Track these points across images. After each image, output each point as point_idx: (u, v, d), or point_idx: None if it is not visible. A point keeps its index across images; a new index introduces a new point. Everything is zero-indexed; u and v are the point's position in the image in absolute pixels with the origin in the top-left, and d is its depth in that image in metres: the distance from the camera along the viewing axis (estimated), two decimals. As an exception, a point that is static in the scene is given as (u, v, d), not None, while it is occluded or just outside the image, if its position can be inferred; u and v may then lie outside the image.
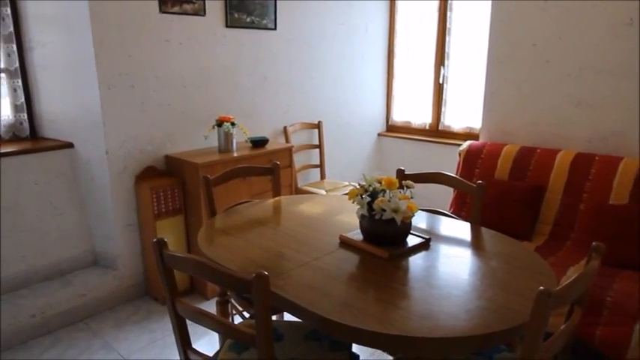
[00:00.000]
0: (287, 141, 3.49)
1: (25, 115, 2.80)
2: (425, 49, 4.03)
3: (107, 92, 2.57)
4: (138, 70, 2.68)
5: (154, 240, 1.30)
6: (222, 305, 1.96)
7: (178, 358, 1.44)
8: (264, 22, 3.25)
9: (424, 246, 1.68)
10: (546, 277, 1.46)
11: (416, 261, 1.57)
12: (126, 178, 2.73)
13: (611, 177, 2.52)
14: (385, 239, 1.62)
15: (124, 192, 2.73)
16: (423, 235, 1.71)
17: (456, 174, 3.06)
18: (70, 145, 2.77)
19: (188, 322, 1.35)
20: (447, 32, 3.85)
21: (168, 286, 1.33)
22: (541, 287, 1.05)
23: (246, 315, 2.05)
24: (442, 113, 4.00)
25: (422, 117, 4.14)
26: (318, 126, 3.77)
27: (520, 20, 2.97)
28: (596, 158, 2.62)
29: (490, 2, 3.09)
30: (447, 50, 3.88)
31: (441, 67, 3.92)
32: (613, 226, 2.34)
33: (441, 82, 3.94)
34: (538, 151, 2.83)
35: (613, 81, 2.68)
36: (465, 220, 2.00)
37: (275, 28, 3.33)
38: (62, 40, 2.65)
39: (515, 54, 3.03)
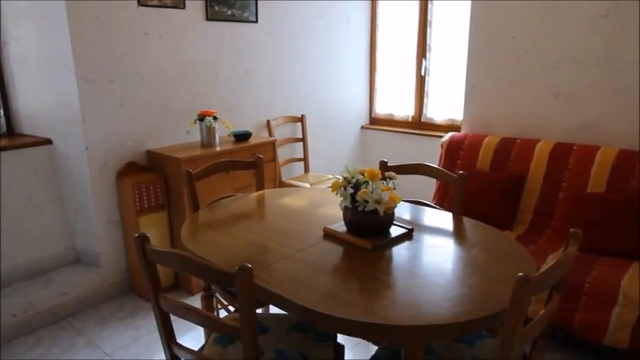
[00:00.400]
0: (270, 135, 3.48)
1: (2, 111, 2.74)
2: (406, 42, 4.04)
3: (86, 87, 2.52)
4: (117, 65, 2.63)
5: (136, 235, 1.28)
6: (207, 300, 1.96)
7: (164, 354, 1.43)
8: (246, 14, 3.23)
9: (407, 236, 1.69)
10: (526, 264, 1.49)
11: (399, 251, 1.59)
12: (107, 174, 2.69)
13: (588, 166, 2.57)
14: (368, 230, 1.63)
15: (105, 188, 2.70)
16: (405, 226, 1.73)
17: (439, 165, 3.09)
18: (48, 142, 2.72)
19: (173, 317, 1.34)
20: (428, 25, 3.87)
21: (151, 281, 1.32)
22: (520, 274, 1.07)
23: (232, 309, 2.05)
24: (424, 105, 4.02)
25: (404, 109, 4.16)
26: (301, 119, 3.77)
27: (499, 12, 3.00)
28: (575, 148, 2.67)
29: (470, -6, 3.12)
30: (428, 43, 3.90)
31: (423, 60, 3.94)
32: (591, 214, 2.39)
33: (422, 74, 3.97)
34: (518, 141, 2.87)
35: (590, 72, 2.73)
36: (448, 210, 2.03)
37: (256, 21, 3.31)
38: (38, 33, 2.60)
39: (495, 46, 3.06)
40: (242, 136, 3.07)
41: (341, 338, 1.79)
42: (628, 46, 2.58)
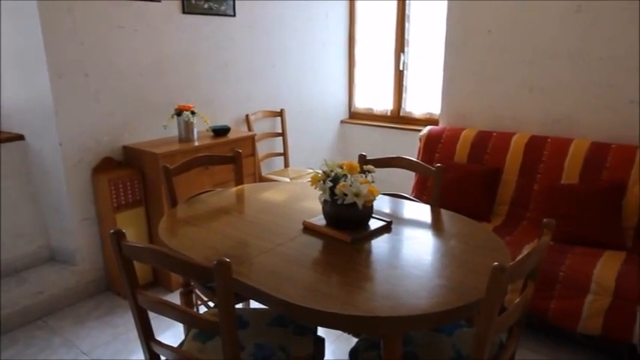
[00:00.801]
0: (249, 129, 3.46)
1: (-30, 106, 2.66)
2: (385, 37, 4.06)
3: (58, 81, 2.46)
4: (91, 58, 2.58)
5: (112, 231, 1.26)
6: (186, 296, 1.94)
7: (142, 352, 1.41)
8: (223, 8, 3.19)
9: (386, 229, 1.71)
10: (501, 254, 1.52)
11: (378, 243, 1.60)
12: (82, 170, 2.64)
13: (562, 158, 2.63)
14: (347, 223, 1.64)
15: (80, 184, 2.64)
16: (384, 219, 1.74)
17: (417, 159, 3.12)
18: (20, 137, 2.65)
19: (153, 315, 1.32)
20: (406, 19, 3.89)
21: (128, 277, 1.30)
22: (495, 263, 1.09)
23: (211, 305, 2.03)
24: (403, 99, 4.05)
25: (383, 103, 4.18)
26: (280, 114, 3.75)
27: (475, 7, 3.03)
28: (549, 140, 2.73)
29: (447, -11, 3.14)
30: (406, 37, 3.92)
31: (401, 54, 3.96)
32: (564, 205, 2.45)
33: (401, 68, 3.99)
34: (494, 134, 2.92)
35: (562, 66, 2.78)
36: (426, 202, 2.05)
37: (234, 15, 3.27)
38: (7, 26, 2.52)
39: (471, 40, 3.10)
40: (221, 131, 3.04)
41: (322, 331, 1.80)
42: (598, 42, 2.64)
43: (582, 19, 2.67)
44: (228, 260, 1.11)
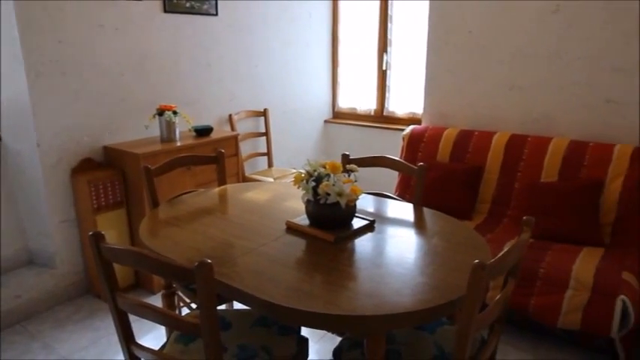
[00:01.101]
0: (233, 129, 3.44)
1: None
2: (368, 37, 4.07)
3: (36, 80, 2.41)
4: (70, 57, 2.53)
5: (90, 233, 1.24)
6: (168, 298, 1.92)
7: (123, 355, 1.39)
8: (205, 7, 3.16)
9: (369, 228, 1.71)
10: (482, 251, 1.54)
11: (361, 242, 1.60)
12: (60, 171, 2.59)
13: (542, 156, 2.67)
14: (331, 223, 1.64)
15: (59, 186, 2.59)
16: (367, 218, 1.75)
17: (401, 158, 3.14)
18: (-4, 138, 2.59)
19: (135, 318, 1.30)
20: (388, 20, 3.91)
21: (107, 280, 1.28)
22: (476, 261, 1.10)
23: (194, 306, 2.01)
24: (386, 99, 4.07)
25: (367, 103, 4.20)
26: (264, 113, 3.74)
27: (456, 8, 3.06)
28: (529, 139, 2.77)
29: (429, -11, 3.17)
30: (389, 37, 3.94)
31: (384, 54, 3.98)
32: (544, 203, 2.49)
33: (384, 68, 4.01)
34: (476, 133, 2.95)
35: (541, 66, 2.83)
36: (409, 201, 2.06)
37: (216, 14, 3.25)
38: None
39: (452, 40, 3.12)
40: (203, 131, 3.02)
41: (306, 331, 1.80)
42: (576, 42, 2.69)
43: (560, 20, 2.72)
44: (209, 261, 1.10)
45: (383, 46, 3.98)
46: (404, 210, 1.97)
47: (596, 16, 2.60)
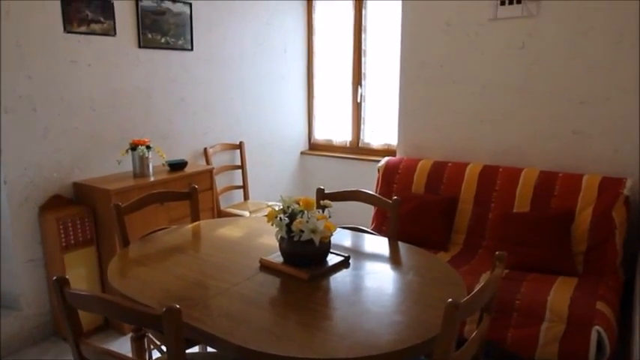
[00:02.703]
0: (208, 163, 3.41)
1: None
2: (343, 70, 4.14)
3: (4, 117, 2.36)
4: (40, 93, 2.49)
5: (54, 278, 1.19)
6: (138, 341, 1.84)
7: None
8: (180, 42, 3.18)
9: (344, 264, 1.70)
10: (458, 286, 1.53)
11: (336, 279, 1.59)
12: (28, 209, 2.51)
13: (513, 187, 2.72)
14: (305, 260, 1.62)
15: (26, 224, 2.50)
16: (342, 254, 1.73)
17: (376, 189, 3.15)
18: (-40, 176, 2.50)
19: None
20: (362, 53, 4.00)
21: (72, 327, 1.23)
22: (450, 299, 1.10)
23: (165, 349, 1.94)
24: (361, 131, 4.12)
25: (343, 135, 4.24)
26: (239, 146, 3.73)
27: (427, 43, 3.15)
28: (500, 170, 2.83)
29: (400, 25, 3.26)
30: (363, 71, 4.02)
31: (359, 87, 4.05)
32: (518, 233, 2.52)
33: (358, 101, 4.07)
34: (449, 164, 3.00)
35: (510, 99, 2.92)
36: (386, 234, 2.06)
37: (192, 49, 3.27)
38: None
39: (424, 74, 3.20)
40: (177, 166, 2.98)
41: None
42: (542, 76, 2.79)
43: (526, 55, 2.82)
44: (177, 307, 1.06)
45: (357, 79, 4.06)
46: (379, 244, 1.96)
47: (561, 52, 2.71)
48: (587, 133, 2.70)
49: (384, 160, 3.25)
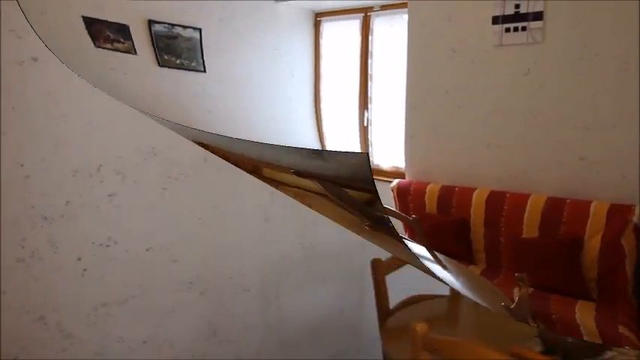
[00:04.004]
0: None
1: None
2: (349, 94, 4.19)
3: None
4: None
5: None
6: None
7: None
8: (193, 64, 3.22)
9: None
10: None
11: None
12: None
13: (521, 213, 2.72)
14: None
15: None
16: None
17: (395, 207, 3.17)
18: None
19: None
20: (369, 78, 4.06)
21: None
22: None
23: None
24: (370, 154, 4.14)
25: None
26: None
27: (433, 68, 3.21)
28: (507, 196, 2.83)
29: (406, 51, 3.32)
30: (369, 95, 4.07)
31: (365, 111, 4.10)
32: (530, 258, 2.53)
33: (365, 124, 4.11)
34: (457, 189, 3.01)
35: (515, 124, 2.95)
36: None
37: (204, 71, 3.30)
38: None
39: (430, 100, 3.25)
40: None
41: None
42: (547, 102, 2.83)
43: (532, 81, 2.86)
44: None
45: (364, 102, 4.10)
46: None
47: (565, 78, 2.75)
48: (593, 159, 2.72)
49: (395, 181, 3.27)
